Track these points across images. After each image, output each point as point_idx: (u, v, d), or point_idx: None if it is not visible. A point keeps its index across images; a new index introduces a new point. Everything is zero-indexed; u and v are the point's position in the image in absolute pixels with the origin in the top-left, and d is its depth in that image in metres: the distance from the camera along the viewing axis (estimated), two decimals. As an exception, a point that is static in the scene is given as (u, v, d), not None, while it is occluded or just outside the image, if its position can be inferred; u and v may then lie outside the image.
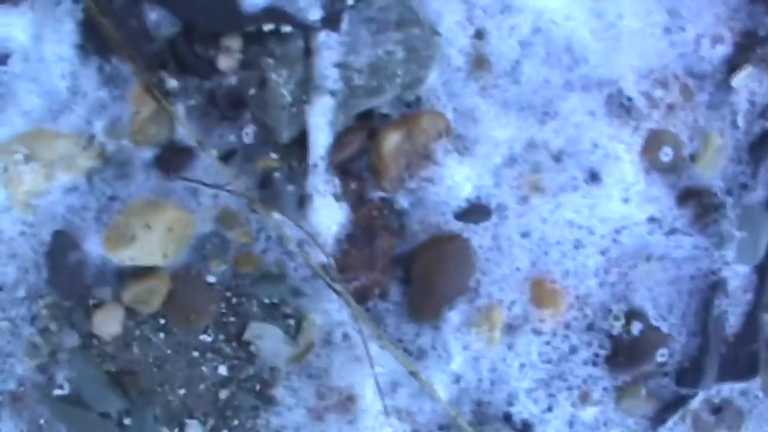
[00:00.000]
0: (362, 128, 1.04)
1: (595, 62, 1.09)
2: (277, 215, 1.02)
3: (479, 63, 1.07)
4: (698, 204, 1.10)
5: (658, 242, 1.10)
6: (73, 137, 1.03)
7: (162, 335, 1.07)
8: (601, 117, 1.09)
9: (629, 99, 1.09)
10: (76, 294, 1.06)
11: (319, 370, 1.07)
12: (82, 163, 1.04)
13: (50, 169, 1.03)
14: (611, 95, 1.09)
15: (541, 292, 1.08)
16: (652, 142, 1.09)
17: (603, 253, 1.10)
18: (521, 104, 1.08)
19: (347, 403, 1.07)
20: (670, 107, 1.10)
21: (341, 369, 1.07)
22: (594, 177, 1.08)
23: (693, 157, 1.10)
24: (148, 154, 1.06)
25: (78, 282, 1.05)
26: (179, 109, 1.04)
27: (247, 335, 1.07)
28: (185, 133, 1.05)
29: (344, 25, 1.03)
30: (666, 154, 1.09)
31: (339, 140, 1.03)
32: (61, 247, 1.04)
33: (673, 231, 1.10)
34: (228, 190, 1.02)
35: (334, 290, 1.01)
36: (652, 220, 1.10)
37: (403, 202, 1.06)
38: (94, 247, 1.04)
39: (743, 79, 1.10)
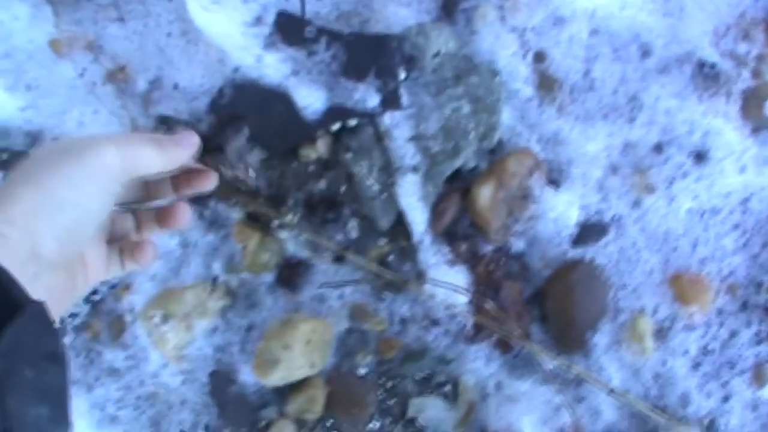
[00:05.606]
0: (454, 191, 1.04)
1: (666, 41, 1.05)
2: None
3: (548, 85, 1.05)
4: (821, 143, 1.03)
5: (791, 198, 1.04)
6: (198, 286, 1.10)
7: (334, 435, 1.13)
8: (689, 95, 1.04)
9: (713, 66, 1.03)
10: (247, 421, 1.12)
11: (480, 422, 1.09)
12: (214, 306, 1.10)
13: (188, 321, 1.10)
14: (693, 69, 1.04)
15: (682, 288, 1.05)
16: (751, 100, 1.04)
17: (736, 227, 1.05)
18: (604, 110, 1.05)
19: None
20: (760, 58, 1.03)
21: (498, 413, 1.08)
22: (701, 157, 1.04)
23: (801, 98, 1.03)
24: (268, 278, 1.11)
25: (244, 410, 1.11)
26: (282, 231, 1.08)
27: (410, 413, 1.10)
28: (296, 248, 1.09)
29: (404, 99, 1.03)
30: (771, 108, 1.03)
31: (435, 210, 1.04)
32: (219, 385, 1.11)
33: (803, 181, 1.04)
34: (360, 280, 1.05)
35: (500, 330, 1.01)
36: (777, 178, 1.04)
37: (517, 245, 1.06)
38: (247, 376, 1.10)
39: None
